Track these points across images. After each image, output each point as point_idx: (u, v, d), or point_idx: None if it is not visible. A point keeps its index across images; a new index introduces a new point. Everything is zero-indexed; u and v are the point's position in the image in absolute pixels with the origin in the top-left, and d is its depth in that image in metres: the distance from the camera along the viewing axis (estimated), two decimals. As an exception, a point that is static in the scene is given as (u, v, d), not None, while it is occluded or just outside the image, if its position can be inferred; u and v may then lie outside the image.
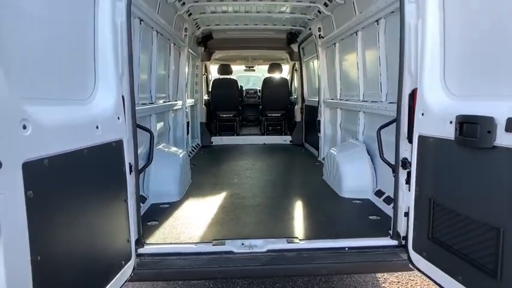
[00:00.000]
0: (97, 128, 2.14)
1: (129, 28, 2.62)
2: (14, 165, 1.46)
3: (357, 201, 4.11)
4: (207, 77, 9.87)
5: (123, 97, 2.56)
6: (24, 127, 1.53)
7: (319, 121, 6.60)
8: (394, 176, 2.94)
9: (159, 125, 5.11)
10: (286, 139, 8.95)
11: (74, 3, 2.19)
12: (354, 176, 4.33)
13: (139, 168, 2.94)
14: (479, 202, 2.01)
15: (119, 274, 2.38)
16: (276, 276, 3.52)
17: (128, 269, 2.53)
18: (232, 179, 5.34)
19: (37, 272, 1.55)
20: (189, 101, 7.37)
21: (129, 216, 2.59)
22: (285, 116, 9.29)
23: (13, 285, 1.45)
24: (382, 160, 3.17)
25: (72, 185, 1.90)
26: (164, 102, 5.44)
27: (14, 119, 1.49)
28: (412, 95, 2.69)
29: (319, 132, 6.57)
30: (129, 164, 2.67)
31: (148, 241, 3.02)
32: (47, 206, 1.66)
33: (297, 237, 3.10)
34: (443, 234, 2.32)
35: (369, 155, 4.35)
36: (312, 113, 7.36)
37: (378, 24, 4.06)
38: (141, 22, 4.00)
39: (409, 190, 2.72)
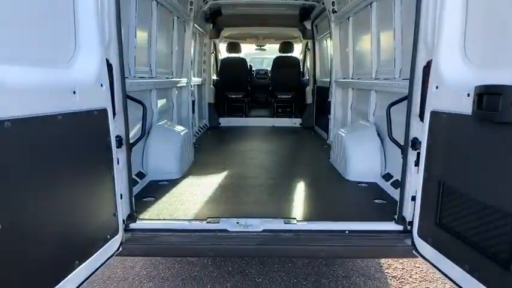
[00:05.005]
0: (74, 93, 1.98)
1: None
2: None
3: (363, 185, 3.90)
4: (216, 56, 9.61)
5: (110, 65, 2.40)
6: None
7: (329, 102, 6.33)
8: (402, 157, 2.72)
9: (161, 101, 4.95)
10: (296, 122, 8.71)
11: None
12: (361, 158, 4.09)
13: (132, 142, 2.81)
14: (496, 186, 1.77)
15: (103, 248, 2.27)
16: (271, 257, 3.37)
17: (114, 243, 2.42)
18: (235, 159, 5.19)
19: None
20: (196, 80, 7.18)
21: (115, 191, 2.46)
22: (296, 98, 8.99)
23: None
24: (391, 140, 2.94)
25: (42, 152, 1.76)
26: (167, 78, 5.27)
27: None
28: (428, 68, 2.42)
29: (329, 114, 6.30)
30: (119, 136, 2.53)
31: (141, 217, 2.93)
32: (9, 171, 1.53)
33: (294, 218, 2.93)
34: (452, 220, 2.10)
35: (379, 137, 4.10)
36: (323, 94, 7.07)
37: None
38: None
39: (418, 172, 2.50)
